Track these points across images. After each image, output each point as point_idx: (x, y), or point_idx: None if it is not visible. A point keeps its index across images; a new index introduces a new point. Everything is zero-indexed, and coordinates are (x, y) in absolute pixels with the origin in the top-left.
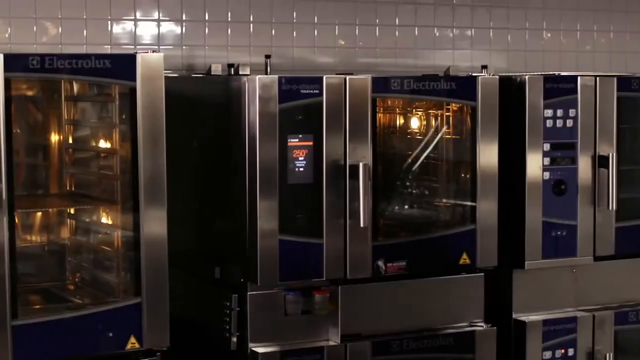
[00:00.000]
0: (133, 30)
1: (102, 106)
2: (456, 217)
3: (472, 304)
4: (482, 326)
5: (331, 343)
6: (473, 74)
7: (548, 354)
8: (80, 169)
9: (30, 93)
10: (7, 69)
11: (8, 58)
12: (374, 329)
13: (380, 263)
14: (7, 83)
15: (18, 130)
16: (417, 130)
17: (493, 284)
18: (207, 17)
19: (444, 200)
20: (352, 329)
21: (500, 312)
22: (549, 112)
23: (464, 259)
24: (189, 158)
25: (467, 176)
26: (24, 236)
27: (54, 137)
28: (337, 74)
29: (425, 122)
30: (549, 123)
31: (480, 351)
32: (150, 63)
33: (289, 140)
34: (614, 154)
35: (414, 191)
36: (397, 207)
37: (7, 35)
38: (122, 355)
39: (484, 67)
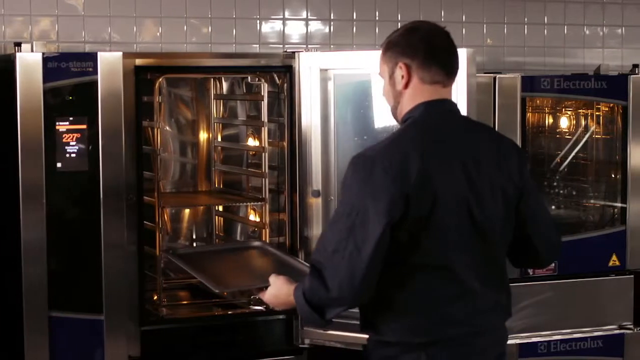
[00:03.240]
0: (281, 29)
1: (251, 105)
2: (605, 218)
3: (621, 306)
4: (632, 329)
5: None
6: (624, 73)
7: None
8: (228, 166)
9: (181, 92)
10: None
11: None
12: (521, 329)
13: None
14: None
15: (169, 128)
16: (566, 130)
17: None
18: (355, 17)
19: (593, 201)
20: None
21: None
22: None
23: (614, 260)
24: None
25: (617, 176)
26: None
27: (203, 135)
28: (485, 73)
29: (574, 122)
30: None
31: (630, 354)
32: (308, 61)
33: None
34: None
35: (561, 191)
36: None
37: (158, 35)
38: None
39: (635, 66)
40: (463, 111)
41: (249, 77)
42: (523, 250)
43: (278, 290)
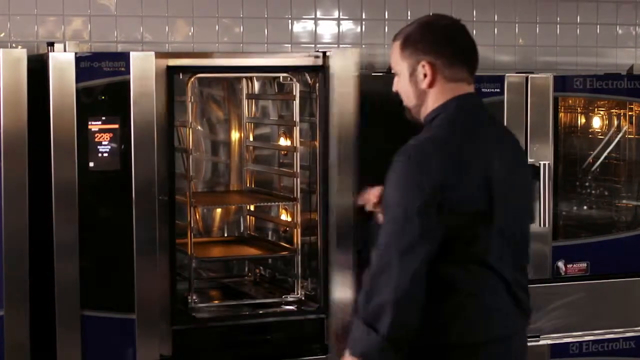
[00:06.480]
0: (313, 29)
1: (283, 104)
2: (638, 218)
3: None
4: None
5: None
6: None
7: None
8: (259, 166)
9: (212, 91)
10: None
11: None
12: (553, 330)
13: (561, 264)
14: None
15: (200, 128)
16: (599, 130)
17: None
18: (386, 16)
19: (625, 201)
20: (531, 330)
21: None
22: None
23: None
24: (370, 156)
25: None
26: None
27: (235, 135)
28: (517, 73)
29: (606, 122)
30: None
31: None
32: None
33: None
34: None
35: (594, 191)
36: (576, 208)
37: (190, 35)
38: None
39: None
40: None
41: (281, 77)
42: None
43: None
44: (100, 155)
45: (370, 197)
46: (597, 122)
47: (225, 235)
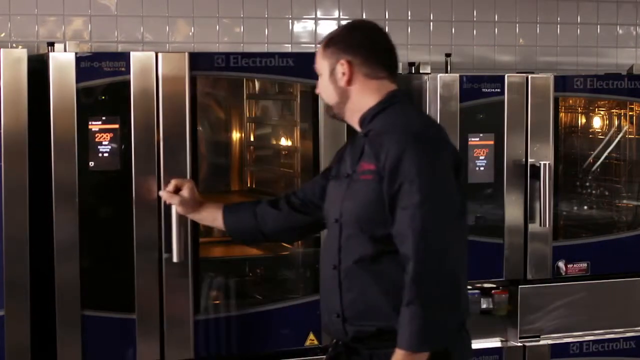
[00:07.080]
0: (313, 29)
1: (283, 104)
2: (639, 218)
3: None
4: None
5: (510, 343)
6: None
7: None
8: (260, 166)
9: (213, 91)
10: (192, 67)
11: (194, 56)
12: (553, 330)
13: (561, 264)
14: (193, 81)
15: (201, 128)
16: (599, 130)
17: None
18: (387, 16)
19: (626, 201)
20: (531, 330)
21: None
22: None
23: None
24: None
25: None
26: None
27: (236, 135)
28: (517, 73)
29: (607, 122)
30: None
31: None
32: None
33: (469, 139)
34: None
35: (594, 191)
36: (577, 208)
37: (190, 35)
38: (301, 351)
39: None
40: None
41: None
42: None
43: None
44: (100, 155)
45: (169, 189)
46: (597, 122)
47: (226, 235)
